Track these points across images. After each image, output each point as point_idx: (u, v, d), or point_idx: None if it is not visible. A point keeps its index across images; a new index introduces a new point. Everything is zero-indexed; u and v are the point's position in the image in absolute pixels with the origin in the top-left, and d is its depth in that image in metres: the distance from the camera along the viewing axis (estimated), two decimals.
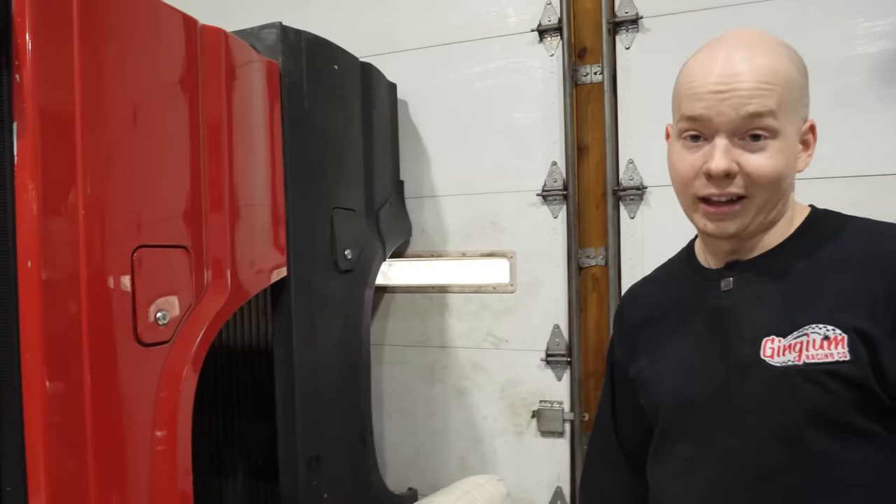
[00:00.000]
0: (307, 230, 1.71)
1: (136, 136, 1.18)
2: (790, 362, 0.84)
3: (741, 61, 0.88)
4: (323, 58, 1.80)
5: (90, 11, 1.09)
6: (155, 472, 1.15)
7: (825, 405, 0.82)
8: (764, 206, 0.89)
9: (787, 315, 0.86)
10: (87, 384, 1.05)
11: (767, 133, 0.86)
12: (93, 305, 1.06)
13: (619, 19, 2.07)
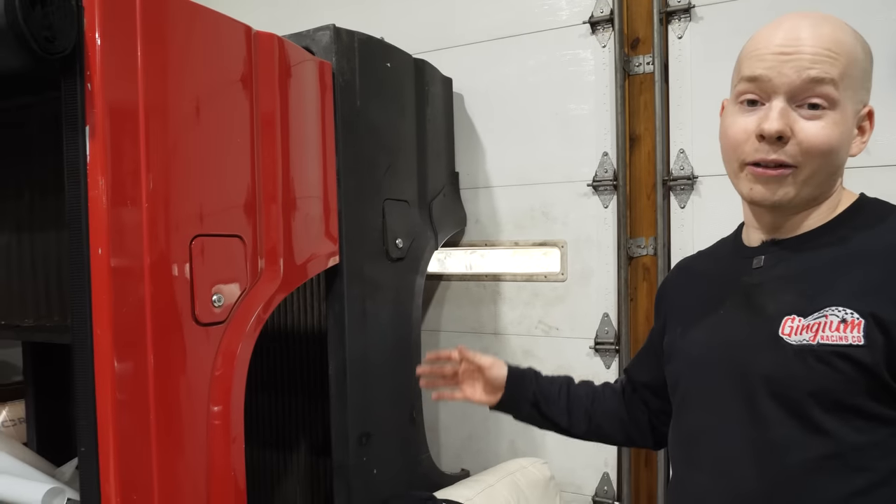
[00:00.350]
0: (359, 220, 1.80)
1: (194, 135, 1.30)
2: (805, 341, 0.84)
3: (807, 28, 0.88)
4: (375, 56, 1.88)
5: (152, 26, 1.21)
6: (210, 443, 1.27)
7: (833, 385, 0.82)
8: (810, 178, 0.87)
9: (811, 297, 0.86)
10: (151, 360, 1.17)
11: (826, 102, 0.86)
12: (155, 288, 1.18)
13: (671, 8, 2.06)
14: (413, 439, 1.98)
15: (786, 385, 0.85)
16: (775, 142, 0.86)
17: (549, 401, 1.24)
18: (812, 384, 0.83)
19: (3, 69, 1.16)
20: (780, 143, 0.86)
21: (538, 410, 1.24)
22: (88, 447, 1.12)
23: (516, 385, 1.25)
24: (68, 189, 1.16)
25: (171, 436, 1.21)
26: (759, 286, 0.93)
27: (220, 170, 1.35)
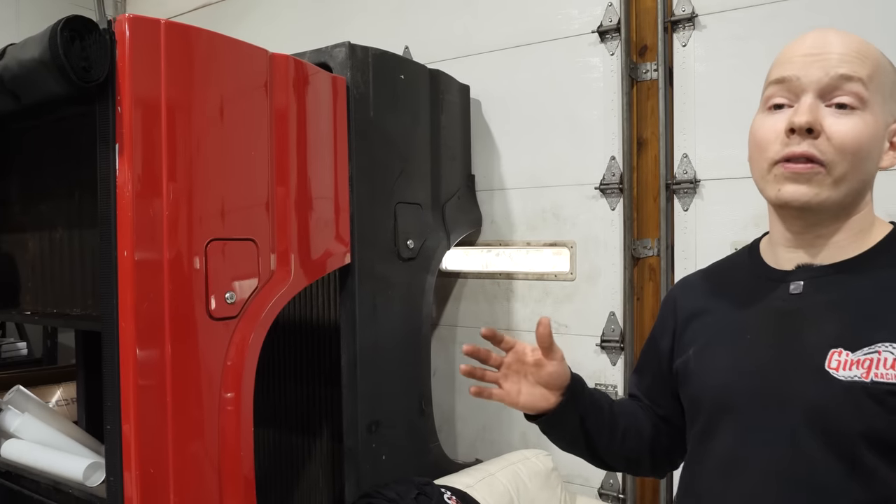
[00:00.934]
0: (371, 223, 1.94)
1: (212, 150, 1.45)
2: (857, 378, 0.78)
3: (834, 35, 0.87)
4: (389, 69, 2.01)
5: (175, 55, 1.37)
6: (222, 425, 1.43)
7: (887, 427, 0.77)
8: (842, 180, 0.83)
9: (859, 329, 0.81)
10: (169, 349, 1.34)
11: (856, 101, 0.83)
12: (173, 286, 1.35)
13: (676, 18, 2.12)
14: (422, 429, 2.12)
15: (835, 423, 0.79)
16: (805, 135, 0.82)
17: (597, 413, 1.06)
18: (864, 424, 0.77)
19: (47, 94, 1.34)
20: (811, 136, 0.82)
21: (582, 424, 1.04)
22: (113, 425, 1.29)
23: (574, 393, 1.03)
24: (100, 198, 1.33)
25: (185, 416, 1.37)
26: (797, 312, 0.86)
27: (236, 180, 1.51)
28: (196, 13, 3.43)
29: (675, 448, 1.06)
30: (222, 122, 1.49)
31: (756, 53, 2.02)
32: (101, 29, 1.30)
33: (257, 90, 1.57)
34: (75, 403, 2.47)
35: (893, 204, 1.76)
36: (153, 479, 1.34)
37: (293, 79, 1.67)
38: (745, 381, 0.87)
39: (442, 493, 1.68)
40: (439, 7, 2.62)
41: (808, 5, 1.93)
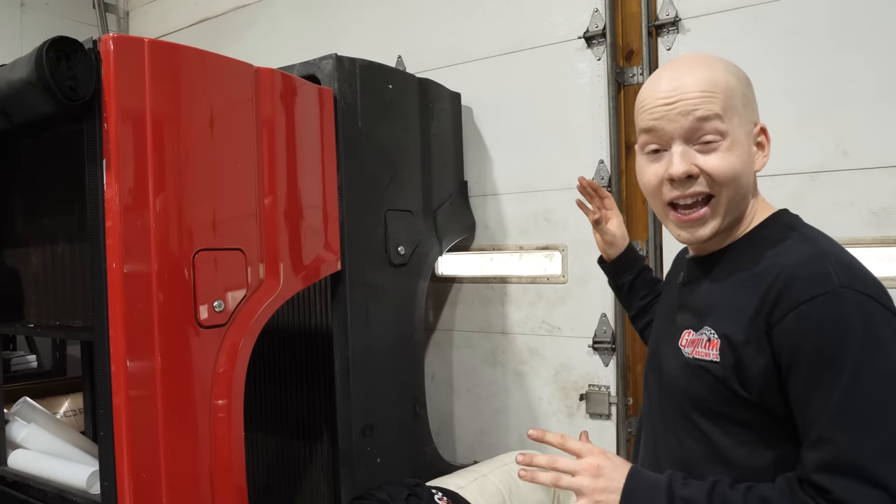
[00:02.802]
0: (362, 230, 1.97)
1: (199, 164, 1.49)
2: (689, 354, 0.98)
3: (684, 76, 0.96)
4: (376, 80, 2.05)
5: (160, 73, 1.40)
6: (213, 430, 1.47)
7: (702, 393, 0.95)
8: (730, 203, 0.96)
9: (699, 315, 0.99)
10: (158, 358, 1.37)
11: (718, 135, 0.94)
12: (161, 296, 1.38)
13: (660, 22, 2.14)
14: (417, 432, 2.14)
15: (674, 387, 1.01)
16: (686, 181, 0.96)
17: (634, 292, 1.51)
18: (687, 390, 0.97)
19: (36, 113, 1.38)
20: (691, 179, 0.96)
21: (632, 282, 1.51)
22: (106, 431, 1.32)
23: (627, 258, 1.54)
24: (89, 212, 1.37)
25: (176, 423, 1.40)
26: (678, 298, 1.09)
27: (223, 192, 1.54)
28: (196, 28, 3.49)
29: None
30: (209, 136, 1.52)
31: (740, 56, 2.00)
32: (87, 49, 1.34)
33: (243, 104, 1.61)
34: (82, 414, 2.51)
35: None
36: (146, 484, 1.37)
37: (280, 91, 1.70)
38: (651, 348, 1.13)
39: (432, 493, 1.70)
40: (431, 18, 2.65)
41: (791, 6, 1.94)
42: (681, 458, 0.99)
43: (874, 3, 1.84)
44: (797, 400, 0.86)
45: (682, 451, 0.99)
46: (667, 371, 1.03)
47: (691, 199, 0.97)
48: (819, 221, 1.89)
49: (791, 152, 1.96)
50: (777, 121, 1.97)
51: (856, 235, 1.88)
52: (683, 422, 0.98)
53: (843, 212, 1.90)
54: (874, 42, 1.84)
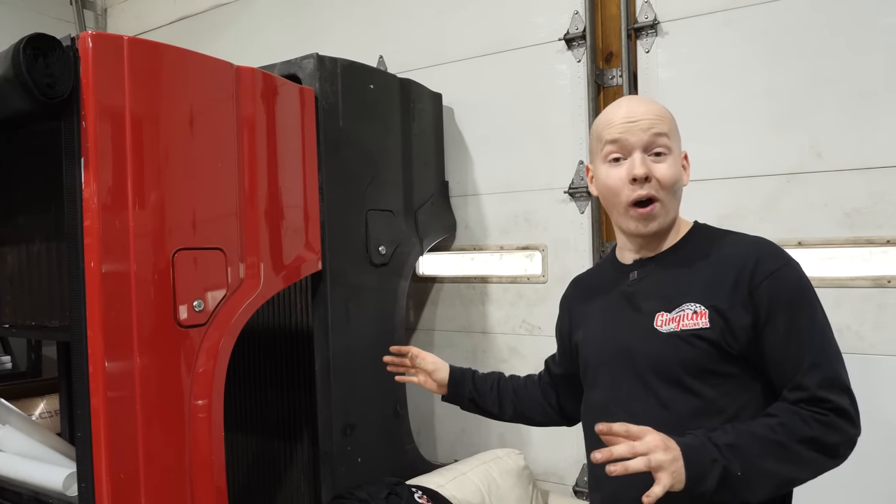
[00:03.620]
0: (343, 230, 1.97)
1: (179, 163, 1.48)
2: (672, 329, 1.15)
3: (640, 105, 1.22)
4: (358, 80, 2.05)
5: (139, 71, 1.40)
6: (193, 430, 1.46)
7: (694, 356, 1.13)
8: (668, 207, 1.20)
9: (672, 298, 1.17)
10: (137, 358, 1.36)
11: (665, 150, 1.19)
12: (140, 296, 1.37)
13: (639, 25, 2.16)
14: (398, 431, 2.14)
15: (662, 361, 1.15)
16: (643, 182, 1.17)
17: (482, 397, 1.54)
18: (679, 357, 1.14)
19: (11, 111, 1.37)
20: (647, 182, 1.17)
21: (475, 404, 1.55)
22: (84, 432, 1.31)
23: (456, 386, 1.55)
24: (67, 211, 1.36)
25: (155, 423, 1.39)
26: (634, 293, 1.24)
27: (203, 191, 1.54)
28: (175, 26, 3.46)
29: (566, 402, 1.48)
30: (189, 135, 1.51)
31: (717, 59, 2.06)
32: (65, 46, 1.33)
33: (224, 102, 1.60)
34: (58, 415, 2.48)
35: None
36: (124, 485, 1.36)
37: (260, 91, 1.70)
38: (609, 344, 1.24)
39: (413, 492, 1.71)
40: (413, 18, 2.66)
41: (766, 11, 1.97)
42: (667, 419, 1.11)
43: (845, 9, 1.87)
44: (776, 343, 1.10)
45: (669, 414, 1.13)
46: (642, 351, 1.18)
47: (646, 199, 1.18)
48: (795, 222, 1.95)
49: (767, 154, 2.00)
50: (753, 122, 2.02)
51: (829, 236, 1.91)
52: (671, 388, 1.14)
53: (817, 213, 1.93)
54: (845, 46, 1.88)
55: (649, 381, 1.16)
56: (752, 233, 1.24)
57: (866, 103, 1.86)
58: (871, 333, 1.87)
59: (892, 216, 1.84)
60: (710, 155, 2.07)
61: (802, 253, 1.95)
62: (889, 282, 1.84)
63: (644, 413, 1.14)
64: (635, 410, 1.16)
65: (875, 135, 1.86)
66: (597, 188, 1.27)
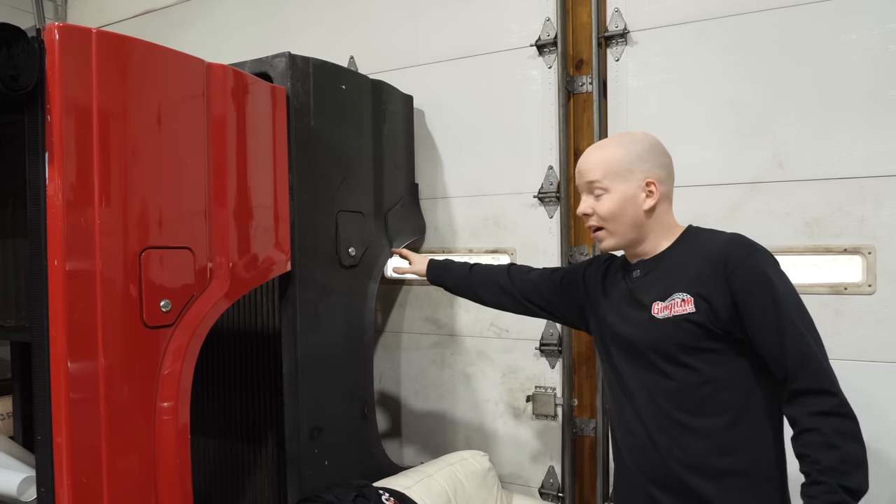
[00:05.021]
0: (312, 231, 1.95)
1: (146, 159, 1.45)
2: (666, 315, 1.38)
3: (586, 157, 1.49)
4: (330, 80, 2.03)
5: (107, 65, 1.36)
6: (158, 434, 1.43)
7: (685, 337, 1.35)
8: (615, 231, 1.46)
9: (666, 289, 1.40)
10: (101, 359, 1.33)
11: (602, 190, 1.45)
12: (105, 296, 1.34)
13: (609, 33, 2.20)
14: (365, 434, 2.13)
15: (660, 342, 1.39)
16: (589, 217, 1.48)
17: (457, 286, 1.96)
18: (675, 339, 1.36)
19: None
20: (592, 216, 1.47)
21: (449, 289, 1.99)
22: (44, 435, 1.27)
23: (434, 280, 2.01)
24: (29, 207, 1.32)
25: (119, 426, 1.36)
26: (637, 288, 1.48)
27: (171, 189, 1.51)
28: (138, 20, 3.38)
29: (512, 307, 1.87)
30: (158, 131, 1.48)
31: (685, 70, 2.11)
32: (30, 37, 1.29)
33: (193, 99, 1.57)
34: (11, 418, 2.40)
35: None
36: (86, 490, 1.32)
37: (231, 88, 1.67)
38: (618, 328, 1.49)
39: (380, 494, 1.70)
40: (385, 20, 2.65)
41: (734, 25, 2.02)
42: (671, 387, 1.38)
43: (809, 25, 1.93)
44: (754, 320, 1.30)
45: (671, 383, 1.38)
46: (645, 335, 1.42)
47: (594, 229, 1.49)
48: (756, 230, 1.99)
49: (732, 163, 2.05)
50: (719, 132, 2.07)
51: (790, 244, 1.97)
52: (668, 363, 1.38)
53: (778, 221, 1.99)
54: (809, 61, 1.94)
55: (652, 359, 1.40)
56: None
57: (827, 116, 1.93)
58: (828, 339, 1.89)
59: (850, 225, 1.90)
60: (675, 163, 2.10)
61: None
62: (846, 289, 1.91)
63: (652, 382, 1.41)
64: (644, 380, 1.43)
65: (834, 147, 1.92)
66: None
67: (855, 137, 1.89)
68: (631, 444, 1.46)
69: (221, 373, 2.20)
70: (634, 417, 1.43)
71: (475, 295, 1.92)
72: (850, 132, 1.90)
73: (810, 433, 1.25)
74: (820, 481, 1.22)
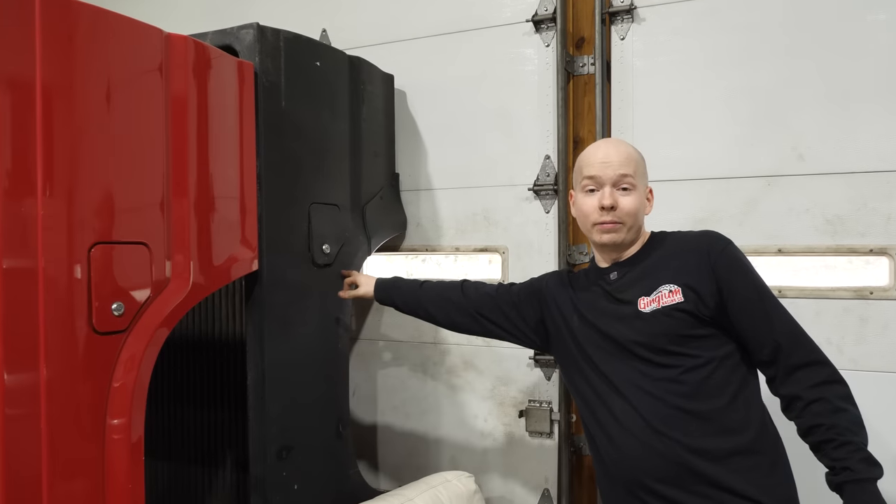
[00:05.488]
0: (282, 225, 1.91)
1: (96, 139, 1.40)
2: (654, 307, 1.54)
3: (613, 148, 1.62)
4: (303, 55, 1.99)
5: (52, 34, 1.31)
6: (109, 457, 1.38)
7: (675, 326, 1.51)
8: (630, 228, 1.60)
9: (650, 285, 1.56)
10: (44, 370, 1.28)
11: (630, 186, 1.58)
12: (49, 297, 1.29)
13: (614, 9, 2.19)
14: (340, 453, 2.10)
15: (649, 334, 1.53)
16: (610, 210, 1.57)
17: (407, 304, 2.04)
18: (663, 329, 1.51)
19: None
20: (612, 210, 1.57)
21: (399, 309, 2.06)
22: None
23: (383, 299, 2.08)
24: None
25: (63, 447, 1.31)
26: (618, 288, 1.62)
27: (125, 176, 1.46)
28: None
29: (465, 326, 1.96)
30: (110, 110, 1.43)
31: (695, 51, 2.11)
32: None
33: (150, 74, 1.53)
34: None
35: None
36: None
37: (193, 63, 1.63)
38: (601, 328, 1.61)
39: None
40: None
41: (751, 3, 2.03)
42: (664, 375, 1.51)
43: (833, 4, 1.95)
44: (741, 305, 1.48)
45: (664, 371, 1.51)
46: (631, 330, 1.55)
47: (608, 222, 1.59)
48: (775, 228, 2.01)
49: (746, 155, 2.05)
50: (733, 121, 2.07)
51: (810, 243, 1.98)
52: (658, 354, 1.52)
53: (798, 218, 2.00)
54: (831, 45, 1.95)
55: (640, 353, 1.53)
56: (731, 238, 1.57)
57: (850, 105, 1.94)
58: (852, 348, 1.94)
59: (875, 224, 1.92)
60: (686, 153, 2.12)
61: (782, 261, 2.02)
62: (871, 293, 1.92)
63: (643, 375, 1.52)
64: (635, 375, 1.54)
65: (857, 138, 1.94)
66: (574, 210, 1.69)
67: (881, 128, 1.91)
68: (629, 446, 1.52)
69: (168, 386, 2.14)
70: (632, 414, 1.52)
71: (427, 313, 1.99)
72: (876, 122, 1.92)
73: (818, 403, 1.42)
74: (844, 443, 1.37)
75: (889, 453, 1.87)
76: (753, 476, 1.44)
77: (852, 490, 1.35)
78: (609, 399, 1.57)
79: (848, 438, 1.37)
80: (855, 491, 1.35)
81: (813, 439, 1.42)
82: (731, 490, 1.43)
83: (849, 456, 1.36)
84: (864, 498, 1.34)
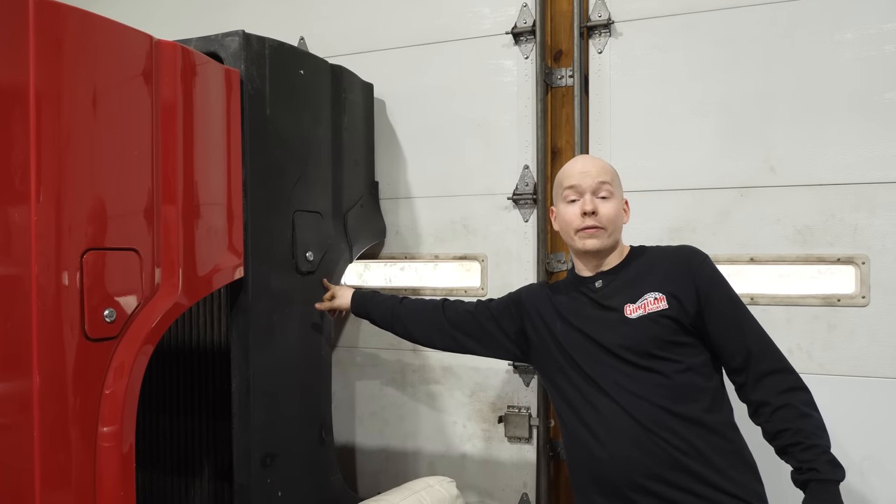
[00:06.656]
0: (267, 233, 1.92)
1: (87, 146, 1.40)
2: (640, 313, 1.62)
3: (589, 162, 1.74)
4: (287, 63, 2.01)
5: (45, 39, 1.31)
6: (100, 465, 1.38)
7: (659, 332, 1.59)
8: (611, 233, 1.68)
9: (635, 293, 1.65)
10: (36, 378, 1.27)
11: (609, 194, 1.68)
12: (42, 304, 1.28)
13: (592, 23, 2.25)
14: (322, 460, 2.11)
15: (635, 340, 1.61)
16: (591, 215, 1.66)
17: (384, 318, 2.04)
18: (649, 334, 1.60)
19: None
20: (594, 215, 1.66)
21: (374, 322, 2.07)
22: None
23: (359, 312, 2.08)
24: None
25: (54, 451, 1.30)
26: (603, 296, 1.70)
27: (115, 181, 1.46)
28: None
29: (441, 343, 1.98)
30: (101, 117, 1.43)
31: (671, 65, 2.18)
32: None
33: (139, 81, 1.53)
34: None
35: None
36: None
37: (181, 69, 1.63)
38: (587, 332, 1.67)
39: None
40: None
41: (725, 19, 2.11)
42: (648, 379, 1.58)
43: (803, 22, 2.03)
44: (718, 314, 1.59)
45: (648, 375, 1.58)
46: (617, 335, 1.62)
47: (591, 226, 1.67)
48: (747, 237, 2.09)
49: (720, 166, 2.13)
50: (707, 133, 2.15)
51: (781, 253, 2.06)
52: (643, 358, 1.59)
53: (769, 228, 2.08)
54: (803, 60, 2.04)
55: (627, 357, 1.60)
56: (704, 248, 1.69)
57: (820, 120, 2.03)
58: (821, 353, 2.02)
59: (843, 234, 2.01)
60: (661, 165, 2.19)
61: (754, 270, 2.10)
62: (839, 300, 2.01)
63: (629, 378, 1.59)
64: (621, 377, 1.60)
65: (826, 152, 2.03)
66: (557, 223, 1.77)
67: (849, 141, 2.00)
68: (619, 443, 1.57)
69: (145, 394, 2.13)
70: (620, 413, 1.58)
71: (404, 329, 2.01)
72: (844, 136, 2.01)
73: (785, 409, 1.51)
74: (811, 446, 1.47)
75: (853, 450, 1.95)
76: (732, 474, 1.52)
77: (815, 488, 1.45)
78: (595, 399, 1.62)
79: (814, 442, 1.47)
80: (817, 490, 1.44)
81: (780, 442, 1.51)
82: (721, 489, 1.50)
83: (815, 458, 1.46)
84: (825, 497, 1.44)
